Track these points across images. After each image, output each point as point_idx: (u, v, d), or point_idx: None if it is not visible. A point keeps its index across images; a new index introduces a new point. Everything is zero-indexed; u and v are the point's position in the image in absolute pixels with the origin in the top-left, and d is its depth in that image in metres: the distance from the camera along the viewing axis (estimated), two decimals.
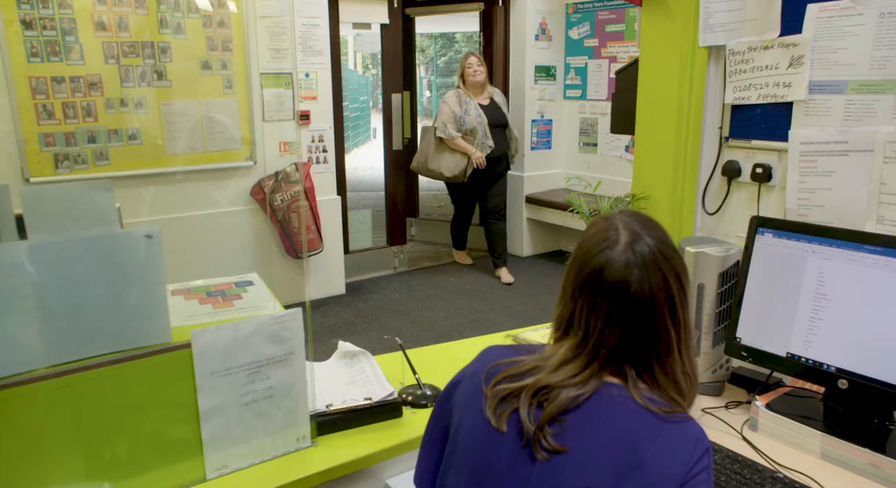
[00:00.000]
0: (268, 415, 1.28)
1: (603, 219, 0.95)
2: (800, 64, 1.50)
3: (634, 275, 0.88)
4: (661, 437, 0.85)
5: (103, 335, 1.10)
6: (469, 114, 4.45)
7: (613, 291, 0.89)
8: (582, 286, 0.91)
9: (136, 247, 1.10)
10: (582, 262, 0.92)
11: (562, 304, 0.95)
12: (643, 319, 0.89)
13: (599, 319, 0.89)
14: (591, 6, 5.09)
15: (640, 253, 0.89)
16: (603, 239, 0.91)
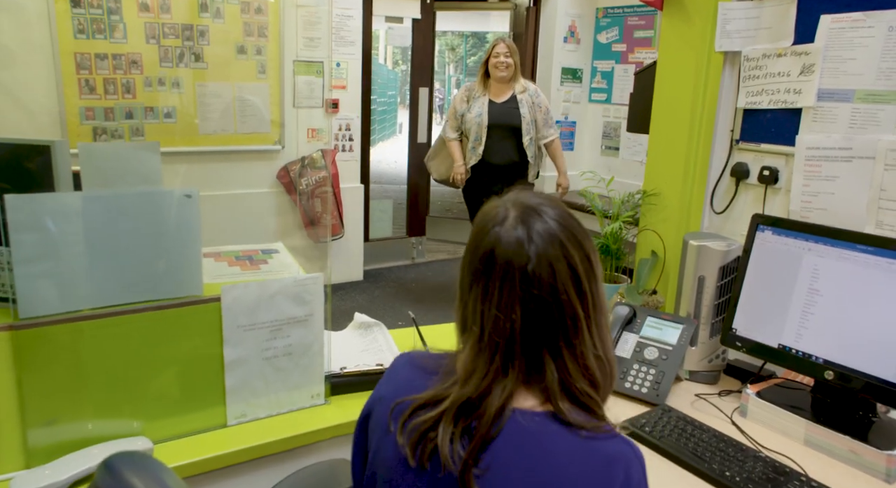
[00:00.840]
0: (286, 371, 1.38)
1: (492, 202, 0.87)
2: (810, 72, 1.56)
3: (530, 250, 0.79)
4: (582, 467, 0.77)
5: (143, 283, 1.20)
6: (471, 111, 3.75)
7: (506, 271, 0.79)
8: (474, 274, 0.82)
9: (176, 205, 1.20)
10: (474, 247, 0.83)
11: (459, 302, 0.86)
12: (544, 299, 0.79)
13: (493, 306, 0.79)
14: (621, 11, 5.14)
15: (532, 226, 0.80)
16: (491, 217, 0.83)
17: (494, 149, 3.73)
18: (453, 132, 3.85)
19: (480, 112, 3.71)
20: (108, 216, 1.14)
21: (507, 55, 3.64)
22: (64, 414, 1.16)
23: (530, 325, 0.79)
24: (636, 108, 1.98)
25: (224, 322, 1.28)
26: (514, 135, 3.73)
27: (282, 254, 1.59)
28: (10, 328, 1.10)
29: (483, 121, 3.69)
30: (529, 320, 0.79)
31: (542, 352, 0.80)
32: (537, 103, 3.75)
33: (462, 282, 0.85)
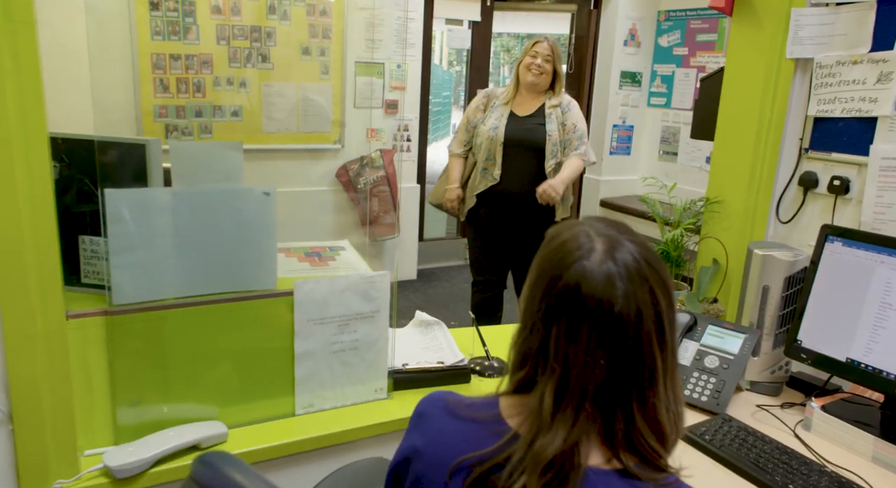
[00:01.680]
0: (352, 365, 1.43)
1: (568, 227, 0.80)
2: (889, 80, 1.52)
3: (618, 290, 0.73)
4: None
5: (223, 276, 1.27)
6: (485, 123, 2.88)
7: (595, 312, 0.73)
8: (554, 309, 0.75)
9: (255, 201, 1.27)
10: (551, 278, 0.76)
11: (524, 335, 0.79)
12: (628, 345, 0.73)
13: (580, 349, 0.73)
14: (683, 14, 5.06)
15: (622, 261, 0.74)
16: (574, 247, 0.76)
17: (511, 173, 2.83)
18: (459, 146, 3.00)
19: (496, 125, 2.83)
20: (194, 211, 1.21)
21: (548, 59, 2.82)
22: (148, 396, 1.24)
23: (612, 374, 0.74)
24: (701, 114, 1.96)
25: (296, 315, 1.34)
26: (537, 158, 2.83)
27: (348, 251, 1.65)
28: (105, 313, 1.18)
29: (498, 135, 2.81)
30: (611, 368, 0.73)
31: (615, 403, 0.75)
32: (566, 119, 2.85)
33: (529, 311, 0.78)
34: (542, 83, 2.83)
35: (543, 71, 2.81)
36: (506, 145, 2.82)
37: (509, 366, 0.83)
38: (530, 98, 2.87)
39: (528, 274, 0.81)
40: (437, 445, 0.82)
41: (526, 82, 2.84)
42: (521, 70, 2.85)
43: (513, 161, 2.84)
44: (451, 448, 0.80)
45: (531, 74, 2.81)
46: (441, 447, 0.81)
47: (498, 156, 2.83)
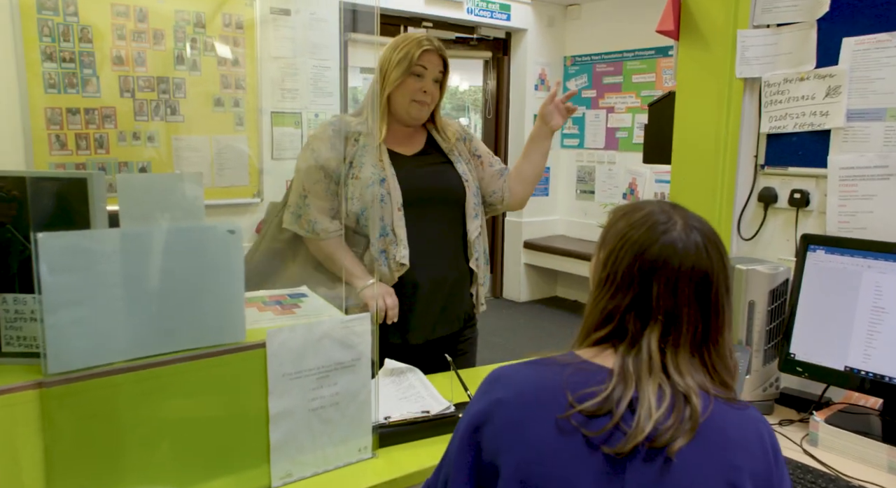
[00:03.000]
0: (333, 423, 1.25)
1: (639, 206, 0.93)
2: (837, 94, 1.57)
3: (705, 255, 0.88)
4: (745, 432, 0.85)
5: (183, 330, 1.08)
6: (360, 176, 1.74)
7: (690, 272, 0.87)
8: (650, 271, 0.87)
9: (219, 241, 1.10)
10: (641, 246, 0.88)
11: (606, 296, 0.90)
12: (710, 298, 0.88)
13: (682, 302, 0.87)
14: (589, 59, 5.29)
15: (701, 233, 0.89)
16: (659, 221, 0.89)
17: (423, 251, 1.77)
18: (326, 217, 1.76)
19: (381, 176, 1.73)
20: (147, 255, 1.03)
21: (439, 77, 1.78)
22: (95, 482, 1.01)
23: (703, 321, 0.88)
24: (652, 139, 1.97)
25: (269, 370, 1.16)
26: (453, 221, 1.84)
27: (311, 297, 1.48)
28: (39, 385, 0.96)
29: (391, 192, 1.73)
30: (703, 317, 0.88)
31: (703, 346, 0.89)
32: (475, 150, 1.93)
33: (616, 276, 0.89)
34: (427, 114, 1.81)
35: (433, 99, 1.79)
36: (407, 206, 1.75)
37: (587, 326, 0.93)
38: (408, 129, 1.84)
39: (603, 244, 0.93)
40: (525, 387, 0.89)
41: (410, 116, 1.77)
42: (400, 97, 1.73)
43: (422, 231, 1.77)
44: (544, 387, 0.87)
45: (417, 107, 1.75)
46: (531, 389, 0.88)
47: (399, 228, 1.73)
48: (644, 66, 4.90)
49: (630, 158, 5.03)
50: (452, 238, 1.84)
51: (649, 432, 0.81)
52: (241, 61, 3.93)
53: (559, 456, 0.83)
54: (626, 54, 5.00)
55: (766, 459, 0.84)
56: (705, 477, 0.81)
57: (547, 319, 5.26)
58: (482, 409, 0.89)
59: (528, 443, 0.84)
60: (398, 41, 1.75)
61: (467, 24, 5.06)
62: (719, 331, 0.90)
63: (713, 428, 0.83)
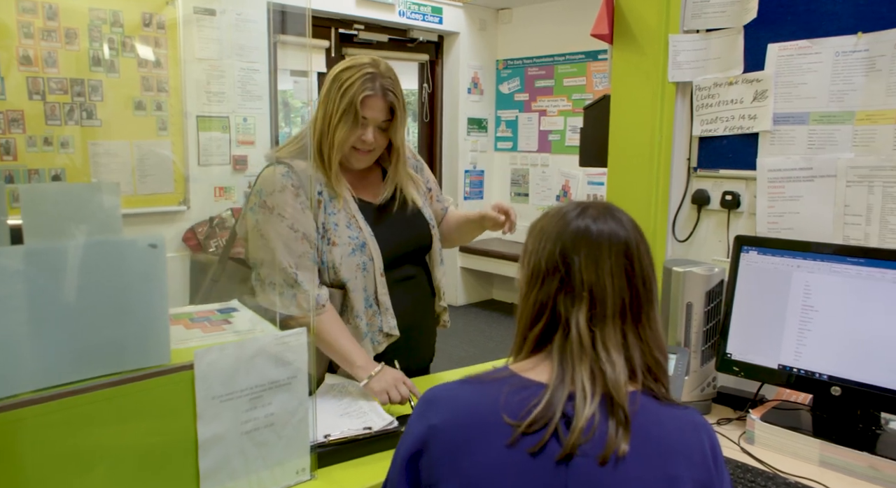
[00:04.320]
0: (268, 445, 1.18)
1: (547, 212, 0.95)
2: (764, 98, 1.62)
3: (621, 227, 0.89)
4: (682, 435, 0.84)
5: (100, 354, 0.99)
6: (338, 243, 1.53)
7: (608, 241, 0.87)
8: (571, 248, 0.87)
9: (139, 256, 1.02)
10: (557, 233, 0.89)
11: (535, 290, 0.89)
12: (634, 268, 0.88)
13: (605, 272, 0.86)
14: (521, 62, 5.34)
15: (614, 213, 0.91)
16: (568, 211, 0.91)
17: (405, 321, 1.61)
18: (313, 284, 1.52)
19: (361, 241, 1.56)
20: (56, 274, 0.94)
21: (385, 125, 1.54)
22: None
23: (630, 291, 0.87)
24: (588, 142, 1.98)
25: (198, 393, 1.08)
26: (421, 277, 1.71)
27: (242, 311, 1.40)
28: None
29: (372, 255, 1.57)
30: (629, 286, 0.87)
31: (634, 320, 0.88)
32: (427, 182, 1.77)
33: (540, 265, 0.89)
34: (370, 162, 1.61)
35: (378, 146, 1.57)
36: (388, 269, 1.60)
37: (522, 326, 0.92)
38: (366, 172, 1.64)
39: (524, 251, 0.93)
40: (460, 412, 0.85)
41: (349, 163, 1.58)
42: (338, 143, 1.51)
43: (401, 295, 1.62)
44: (476, 410, 0.85)
45: (357, 156, 1.56)
46: (466, 412, 0.85)
47: (383, 295, 1.58)
48: (575, 69, 4.99)
49: (563, 161, 5.10)
50: (423, 288, 1.71)
51: (584, 432, 0.80)
52: (163, 63, 3.75)
53: (499, 479, 0.81)
54: (558, 58, 5.07)
55: (708, 467, 0.83)
56: (647, 483, 0.80)
57: (484, 322, 5.27)
58: (418, 436, 0.87)
59: (466, 471, 0.82)
60: (341, 76, 1.50)
61: (399, 26, 5.02)
62: (650, 303, 0.89)
63: (651, 434, 0.82)
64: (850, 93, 1.50)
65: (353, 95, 1.47)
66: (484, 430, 0.83)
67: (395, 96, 1.52)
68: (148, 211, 3.77)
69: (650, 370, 0.88)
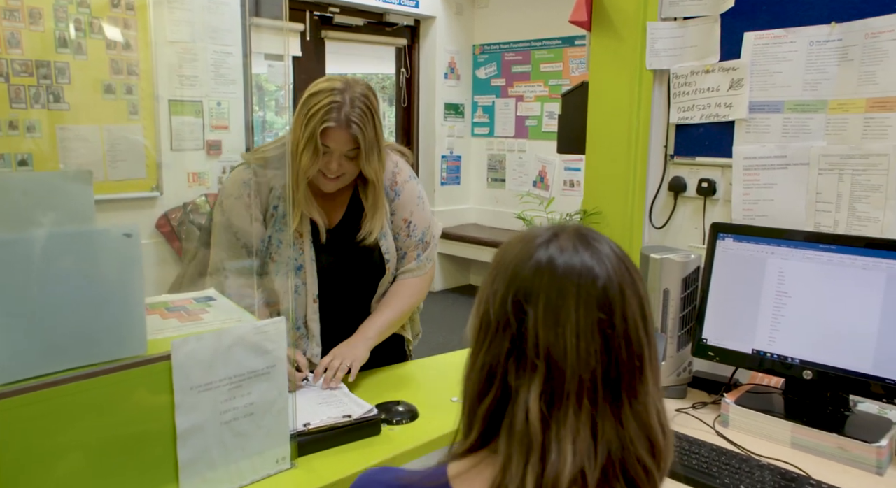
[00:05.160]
0: (247, 435, 1.18)
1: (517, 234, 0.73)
2: (740, 86, 1.63)
3: (600, 269, 0.65)
4: None
5: (75, 345, 0.97)
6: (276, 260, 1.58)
7: (578, 284, 0.64)
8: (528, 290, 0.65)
9: (114, 246, 0.99)
10: (513, 271, 0.67)
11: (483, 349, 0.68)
12: (614, 326, 0.64)
13: (567, 331, 0.63)
14: (497, 48, 5.32)
15: (595, 247, 0.67)
16: (534, 236, 0.69)
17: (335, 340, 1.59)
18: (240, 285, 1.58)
19: (298, 264, 1.57)
20: (26, 265, 0.92)
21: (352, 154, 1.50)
22: None
23: (608, 367, 0.63)
24: (566, 129, 1.99)
25: (175, 383, 1.07)
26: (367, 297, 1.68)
27: (219, 301, 1.39)
28: None
29: (309, 284, 1.58)
30: (607, 359, 0.63)
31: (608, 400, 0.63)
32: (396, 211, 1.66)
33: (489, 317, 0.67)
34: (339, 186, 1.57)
35: (348, 173, 1.53)
36: (329, 296, 1.60)
37: (468, 399, 0.69)
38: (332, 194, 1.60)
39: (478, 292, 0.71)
40: None
41: (320, 187, 1.56)
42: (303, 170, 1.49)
43: (339, 324, 1.61)
44: None
45: (324, 182, 1.53)
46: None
47: (312, 322, 1.59)
48: (552, 55, 4.98)
49: (540, 146, 5.11)
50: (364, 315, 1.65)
51: None
52: (133, 45, 3.66)
53: None
54: (535, 43, 5.06)
55: None
56: None
57: (462, 307, 5.29)
58: None
59: None
60: (308, 102, 1.46)
61: (375, 10, 4.96)
62: (639, 374, 0.65)
63: None
64: (823, 82, 1.52)
65: (314, 126, 1.44)
66: None
67: (359, 128, 1.45)
68: (120, 197, 3.69)
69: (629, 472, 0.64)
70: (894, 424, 1.31)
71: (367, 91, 1.50)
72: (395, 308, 1.64)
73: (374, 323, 1.60)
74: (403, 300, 1.65)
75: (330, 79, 1.50)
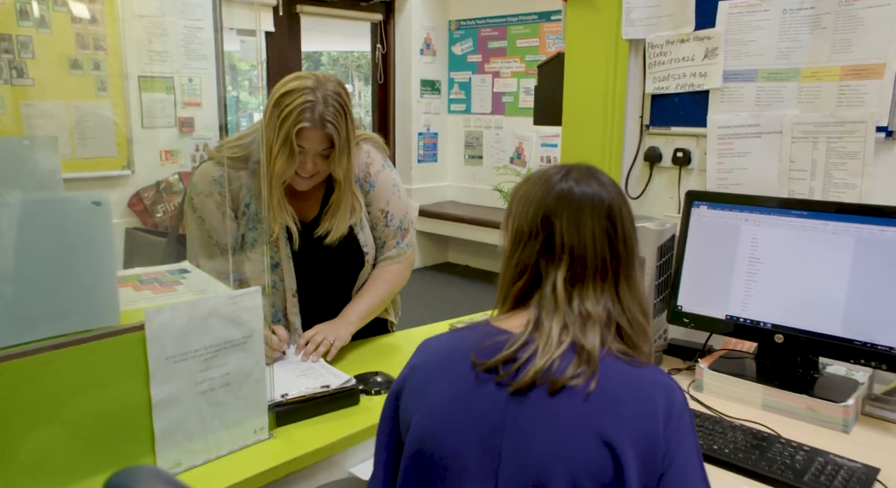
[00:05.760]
0: (224, 405, 1.17)
1: (531, 175, 0.97)
2: (714, 55, 1.64)
3: (602, 189, 0.91)
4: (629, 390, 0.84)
5: (45, 316, 0.96)
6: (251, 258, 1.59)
7: (591, 203, 0.89)
8: (552, 210, 0.90)
9: (83, 215, 0.97)
10: (539, 198, 0.91)
11: (518, 250, 0.92)
12: (616, 229, 0.91)
13: (587, 234, 0.89)
14: (473, 23, 5.28)
15: (599, 178, 0.93)
16: (551, 175, 0.93)
17: None
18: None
19: (274, 262, 1.59)
20: None
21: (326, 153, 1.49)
22: None
23: (610, 253, 0.90)
24: (542, 100, 1.98)
25: (150, 354, 1.05)
26: (347, 288, 1.69)
27: (194, 273, 1.37)
28: None
29: (286, 280, 1.60)
30: (610, 248, 0.89)
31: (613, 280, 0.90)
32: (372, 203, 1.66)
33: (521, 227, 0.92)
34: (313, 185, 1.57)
35: (321, 171, 1.53)
36: (307, 290, 1.63)
37: (504, 285, 0.95)
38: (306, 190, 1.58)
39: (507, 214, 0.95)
40: (435, 354, 0.94)
41: (293, 185, 1.55)
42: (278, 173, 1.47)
43: (320, 316, 1.61)
44: (446, 352, 0.92)
45: (299, 180, 1.53)
46: (437, 353, 0.94)
47: (293, 315, 1.62)
48: (528, 30, 4.96)
49: (517, 123, 5.10)
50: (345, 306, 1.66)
51: (542, 370, 0.83)
52: (99, 19, 3.56)
53: (452, 408, 0.87)
54: (511, 19, 5.02)
55: (654, 421, 0.82)
56: (577, 428, 0.81)
57: (441, 285, 5.30)
58: (402, 376, 0.96)
59: (428, 403, 0.89)
60: (281, 101, 1.43)
61: None
62: (631, 265, 0.92)
63: (601, 384, 0.83)
64: (796, 50, 1.53)
65: (288, 128, 1.43)
66: (448, 367, 0.90)
67: (334, 128, 1.45)
68: (89, 176, 3.62)
69: (624, 330, 0.89)
70: (861, 385, 1.35)
71: (339, 88, 1.49)
72: (377, 292, 1.67)
73: (357, 307, 1.63)
74: (385, 286, 1.68)
75: (300, 77, 1.47)
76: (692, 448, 0.84)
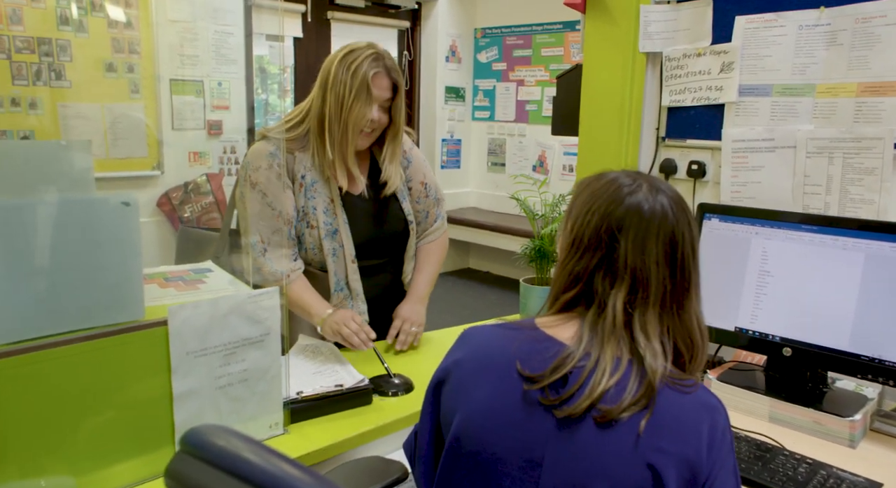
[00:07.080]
0: (241, 400, 1.22)
1: (604, 174, 0.95)
2: (730, 69, 1.65)
3: (671, 213, 0.89)
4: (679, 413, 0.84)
5: (75, 309, 1.01)
6: (314, 218, 1.62)
7: (659, 227, 0.87)
8: (619, 227, 0.88)
9: (112, 214, 1.03)
10: (606, 209, 0.89)
11: (574, 258, 0.90)
12: (679, 258, 0.89)
13: (651, 259, 0.87)
14: (499, 32, 5.32)
15: (666, 194, 0.91)
16: (624, 184, 0.91)
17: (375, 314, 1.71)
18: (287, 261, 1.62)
19: (334, 228, 1.64)
20: (26, 230, 0.95)
21: (387, 104, 1.61)
22: None
23: (671, 281, 0.88)
24: (560, 110, 2.01)
25: (172, 349, 1.11)
26: (395, 260, 1.79)
27: (216, 272, 1.42)
28: None
29: (346, 245, 1.64)
30: (671, 276, 0.88)
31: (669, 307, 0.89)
32: (412, 178, 1.78)
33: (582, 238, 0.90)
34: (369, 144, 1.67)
35: (380, 127, 1.64)
36: (361, 257, 1.67)
37: (555, 290, 0.94)
38: (361, 156, 1.70)
39: (569, 214, 0.94)
40: (479, 350, 0.93)
41: (353, 146, 1.61)
42: (353, 123, 1.56)
43: (372, 283, 1.71)
44: (492, 351, 0.91)
45: (361, 138, 1.61)
46: (481, 348, 0.93)
47: (354, 281, 1.66)
48: (553, 39, 4.98)
49: (540, 131, 5.12)
50: (394, 278, 1.80)
51: (596, 400, 0.82)
52: (134, 24, 3.67)
53: (491, 416, 0.87)
54: (536, 28, 5.06)
55: (698, 447, 0.82)
56: (624, 457, 0.81)
57: (461, 291, 5.33)
58: (445, 367, 0.96)
59: (468, 404, 0.90)
60: (347, 58, 1.55)
61: None
62: (685, 293, 0.90)
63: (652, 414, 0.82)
64: (811, 66, 1.54)
65: (364, 73, 1.54)
66: (492, 370, 0.89)
67: (397, 75, 1.62)
68: (121, 175, 3.73)
69: (679, 353, 0.89)
70: (870, 400, 1.35)
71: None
72: (431, 265, 1.83)
73: (420, 283, 1.80)
74: (434, 258, 1.85)
75: (352, 43, 1.61)
76: (730, 470, 0.85)
